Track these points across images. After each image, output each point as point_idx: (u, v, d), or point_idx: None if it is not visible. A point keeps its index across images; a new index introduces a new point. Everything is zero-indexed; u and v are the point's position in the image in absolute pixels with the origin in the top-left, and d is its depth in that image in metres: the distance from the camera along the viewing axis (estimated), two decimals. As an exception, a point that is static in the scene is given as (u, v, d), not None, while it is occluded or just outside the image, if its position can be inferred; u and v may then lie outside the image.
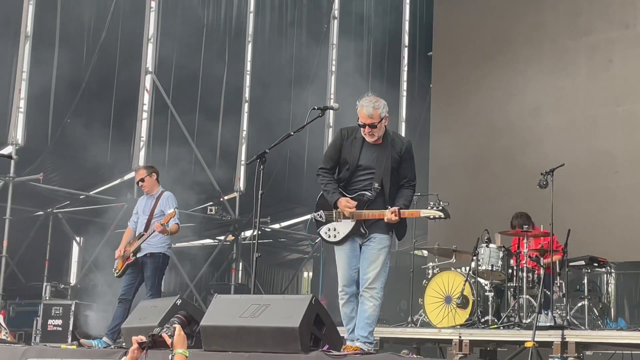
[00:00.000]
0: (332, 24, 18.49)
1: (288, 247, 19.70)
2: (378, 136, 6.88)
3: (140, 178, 9.62)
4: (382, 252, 6.77)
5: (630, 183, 13.82)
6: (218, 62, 16.28)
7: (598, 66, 14.63)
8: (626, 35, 14.40)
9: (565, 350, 8.22)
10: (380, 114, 6.82)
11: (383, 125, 6.88)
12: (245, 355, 6.31)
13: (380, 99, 6.95)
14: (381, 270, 6.73)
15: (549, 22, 15.19)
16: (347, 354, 6.11)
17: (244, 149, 16.49)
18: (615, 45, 14.48)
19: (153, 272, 9.23)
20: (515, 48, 15.44)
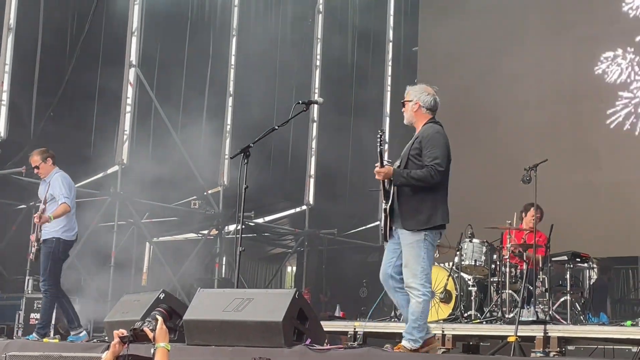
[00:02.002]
0: (316, 19, 18.46)
1: (272, 241, 19.68)
2: (406, 118, 6.91)
3: (35, 165, 9.36)
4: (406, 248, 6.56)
5: (613, 179, 13.90)
6: (202, 56, 16.24)
7: (583, 62, 14.70)
8: (611, 31, 14.48)
9: (547, 345, 8.23)
10: (410, 96, 6.87)
11: (410, 107, 6.86)
12: (229, 350, 6.30)
13: (423, 86, 6.99)
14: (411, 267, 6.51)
15: (534, 18, 15.24)
16: (330, 348, 6.11)
17: (228, 143, 16.46)
18: (600, 41, 14.56)
19: (45, 257, 9.07)
20: (500, 44, 15.47)
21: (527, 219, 10.51)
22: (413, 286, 6.46)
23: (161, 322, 4.46)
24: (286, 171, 17.07)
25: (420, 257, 6.46)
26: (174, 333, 7.21)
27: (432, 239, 6.56)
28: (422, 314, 6.50)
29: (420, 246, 6.47)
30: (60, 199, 9.04)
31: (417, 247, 6.47)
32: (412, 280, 6.46)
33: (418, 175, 6.48)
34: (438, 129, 6.71)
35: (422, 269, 6.46)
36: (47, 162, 9.36)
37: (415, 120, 6.86)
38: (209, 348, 6.45)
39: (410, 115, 6.88)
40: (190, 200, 16.11)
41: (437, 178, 6.48)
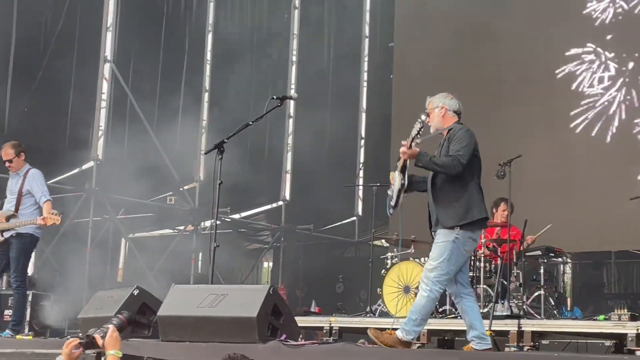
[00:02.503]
0: (292, 14, 18.45)
1: (248, 237, 19.67)
2: (433, 125, 6.87)
3: (8, 159, 9.32)
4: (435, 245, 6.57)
5: (587, 175, 13.99)
6: (178, 52, 16.19)
7: (559, 56, 14.79)
8: (587, 28, 14.59)
9: (521, 340, 8.28)
10: (433, 103, 6.88)
11: (436, 114, 6.85)
12: (203, 345, 6.30)
13: (442, 93, 6.97)
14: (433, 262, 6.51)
15: (510, 14, 15.31)
16: (304, 343, 6.12)
17: (204, 139, 16.43)
18: (574, 37, 14.67)
19: (19, 252, 9.04)
20: (477, 39, 15.52)
21: (498, 213, 10.57)
22: (427, 279, 6.47)
23: (112, 329, 4.44)
24: (262, 167, 17.05)
25: (445, 257, 6.45)
26: (148, 329, 7.25)
27: (463, 243, 6.51)
28: (422, 308, 6.51)
29: (447, 247, 6.44)
30: (43, 197, 9.08)
31: (444, 247, 6.45)
32: (429, 274, 6.47)
33: (441, 162, 6.50)
34: (466, 128, 6.73)
35: (441, 268, 6.44)
36: (21, 156, 9.36)
37: (443, 125, 6.85)
38: (183, 344, 6.45)
39: (437, 122, 6.86)
40: (166, 196, 16.07)
41: (458, 169, 6.45)
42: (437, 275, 6.45)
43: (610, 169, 13.91)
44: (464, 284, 6.69)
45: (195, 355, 6.25)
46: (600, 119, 14.28)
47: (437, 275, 6.45)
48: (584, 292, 15.55)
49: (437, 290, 6.48)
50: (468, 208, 6.51)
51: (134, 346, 6.70)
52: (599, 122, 14.26)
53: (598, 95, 14.41)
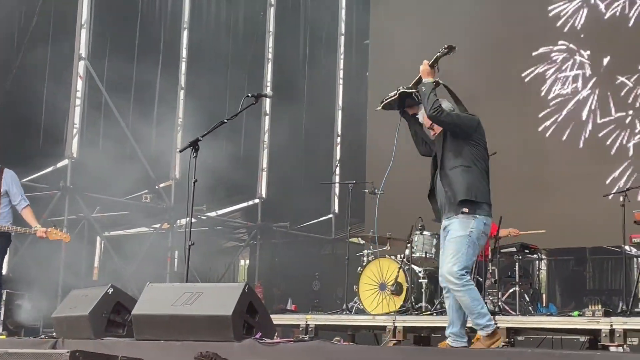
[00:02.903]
0: (268, 11, 18.42)
1: (225, 235, 19.63)
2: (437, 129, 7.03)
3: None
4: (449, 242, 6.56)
5: (561, 171, 14.09)
6: (153, 49, 16.12)
7: (533, 51, 14.89)
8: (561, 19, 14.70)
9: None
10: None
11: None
12: (178, 344, 6.26)
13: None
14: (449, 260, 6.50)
15: (485, 11, 15.37)
16: (280, 341, 6.11)
17: (180, 137, 16.37)
18: (550, 30, 14.77)
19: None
20: (451, 36, 15.55)
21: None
22: (450, 279, 6.44)
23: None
24: (238, 164, 17.00)
25: (460, 252, 6.43)
26: (122, 328, 7.22)
27: (477, 235, 6.50)
28: (473, 303, 6.42)
29: (464, 242, 6.43)
30: (23, 201, 9.09)
31: (460, 242, 6.44)
32: (448, 274, 6.46)
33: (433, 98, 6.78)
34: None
35: (459, 264, 6.42)
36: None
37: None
38: (158, 343, 6.41)
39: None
40: (141, 194, 16.00)
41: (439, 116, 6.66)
42: (461, 268, 6.42)
43: (584, 167, 14.02)
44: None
45: (170, 354, 6.22)
46: (573, 117, 14.39)
47: (459, 268, 6.42)
48: (561, 288, 15.65)
49: (466, 281, 6.44)
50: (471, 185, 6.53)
51: (108, 345, 6.66)
52: (571, 120, 14.37)
53: (569, 94, 14.52)
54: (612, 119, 14.09)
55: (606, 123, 14.12)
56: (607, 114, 14.13)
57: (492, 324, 6.51)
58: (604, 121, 14.14)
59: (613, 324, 7.80)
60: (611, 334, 7.79)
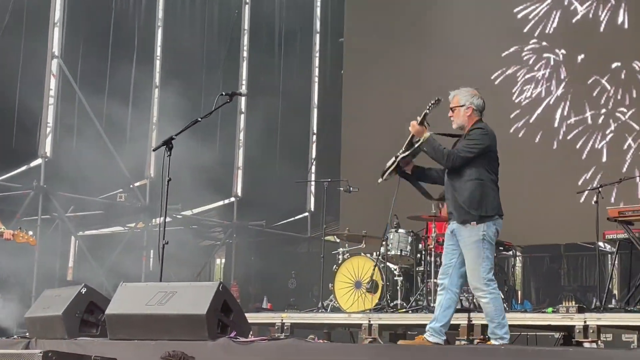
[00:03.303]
0: (243, 9, 18.37)
1: (200, 233, 19.55)
2: (457, 123, 6.95)
3: None
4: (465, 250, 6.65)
5: (535, 167, 14.16)
6: (127, 47, 16.03)
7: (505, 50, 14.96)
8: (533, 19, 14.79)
9: (471, 333, 8.37)
10: (459, 100, 6.93)
11: (462, 112, 6.91)
12: (152, 344, 6.25)
13: (468, 89, 7.05)
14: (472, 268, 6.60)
15: (458, 8, 15.43)
16: (254, 340, 6.11)
17: (155, 135, 16.29)
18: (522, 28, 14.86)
19: None
20: (426, 34, 15.62)
21: (444, 209, 10.63)
22: (477, 286, 6.57)
23: None
24: (214, 163, 16.93)
25: (481, 258, 6.55)
26: (96, 328, 7.18)
27: (491, 237, 6.63)
28: (496, 312, 6.57)
29: (479, 246, 6.55)
30: None
31: (477, 248, 6.55)
32: (475, 282, 6.57)
33: (443, 151, 6.68)
34: (484, 128, 6.84)
35: (483, 269, 6.54)
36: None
37: (467, 124, 6.94)
38: (132, 342, 6.39)
39: (463, 120, 6.95)
40: (116, 193, 15.91)
41: (456, 163, 6.64)
42: (484, 275, 6.55)
43: (557, 165, 14.11)
44: (457, 282, 6.76)
45: (144, 353, 6.20)
46: (545, 117, 14.47)
47: (484, 277, 6.55)
48: (536, 285, 15.72)
49: (493, 289, 6.58)
50: (480, 201, 6.64)
51: (81, 345, 6.63)
52: (543, 120, 14.45)
53: (541, 96, 14.61)
54: (584, 118, 14.18)
55: (579, 122, 14.20)
56: (579, 114, 14.22)
57: (508, 337, 6.62)
58: (576, 120, 14.22)
59: (587, 320, 7.85)
60: (585, 330, 7.84)
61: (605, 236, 9.34)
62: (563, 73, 14.50)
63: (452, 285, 6.74)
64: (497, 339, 6.58)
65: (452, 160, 6.64)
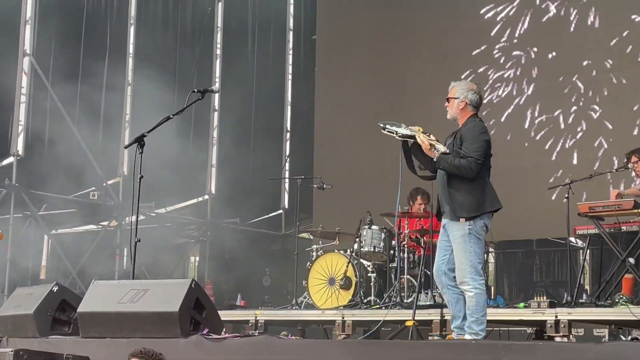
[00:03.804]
0: (216, 7, 18.32)
1: (174, 231, 19.49)
2: (451, 114, 7.04)
3: None
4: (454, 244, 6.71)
5: (506, 163, 14.23)
6: (99, 45, 15.95)
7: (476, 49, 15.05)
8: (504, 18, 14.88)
9: (444, 328, 8.41)
10: (455, 93, 7.00)
11: (456, 104, 6.98)
12: (124, 341, 6.23)
13: (467, 83, 7.11)
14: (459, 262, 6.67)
15: (430, 6, 15.50)
16: (226, 337, 6.11)
17: (127, 133, 16.22)
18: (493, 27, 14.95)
19: None
20: (397, 32, 15.67)
21: (415, 205, 10.68)
22: (464, 280, 6.63)
23: None
24: (188, 160, 16.89)
25: (467, 252, 6.61)
26: (67, 326, 7.15)
27: (478, 231, 6.68)
28: (477, 308, 6.63)
29: (466, 240, 6.61)
30: None
31: (464, 242, 6.62)
32: (462, 275, 6.63)
33: (459, 163, 6.66)
34: (480, 125, 6.90)
35: (470, 262, 6.61)
36: None
37: (460, 117, 7.01)
38: (104, 340, 6.37)
39: (455, 112, 7.04)
40: (89, 191, 15.82)
41: (475, 170, 6.67)
42: (471, 271, 6.62)
43: (529, 161, 14.20)
44: (452, 276, 6.82)
45: (116, 351, 6.17)
46: (516, 114, 14.56)
47: (470, 271, 6.62)
48: (509, 281, 15.81)
49: (479, 284, 6.66)
50: (481, 201, 6.70)
51: (53, 344, 6.60)
52: (515, 117, 14.54)
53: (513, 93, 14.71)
54: (555, 116, 14.28)
55: (550, 120, 14.30)
56: (550, 112, 14.31)
57: (483, 335, 6.70)
58: (547, 118, 14.32)
59: (558, 315, 7.93)
60: (556, 325, 7.92)
61: (576, 232, 9.41)
62: (534, 72, 14.59)
63: (449, 281, 6.83)
64: (472, 334, 6.63)
65: (472, 170, 6.66)
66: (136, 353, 4.35)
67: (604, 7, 14.07)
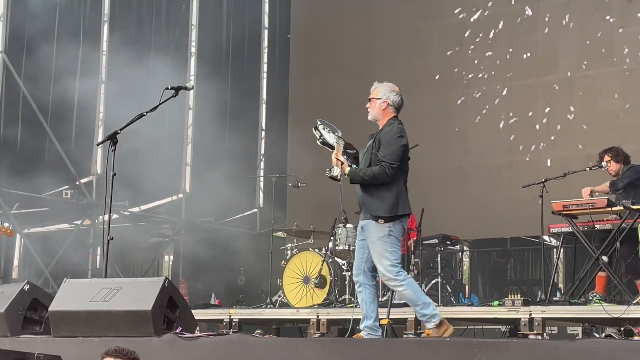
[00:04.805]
0: (191, 5, 18.24)
1: (148, 230, 19.39)
2: (371, 115, 6.98)
3: None
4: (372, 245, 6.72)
5: (480, 162, 14.32)
6: (73, 42, 15.81)
7: (450, 49, 15.08)
8: (477, 19, 14.92)
9: (418, 327, 8.42)
10: (378, 93, 6.96)
11: (377, 105, 6.93)
12: (96, 340, 6.18)
13: (390, 85, 7.05)
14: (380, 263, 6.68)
15: (404, 5, 15.52)
16: (200, 335, 6.07)
17: (101, 131, 16.11)
18: (467, 28, 14.98)
19: None
20: (372, 30, 15.69)
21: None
22: (389, 278, 6.64)
23: None
24: (162, 159, 16.80)
25: (387, 251, 6.63)
26: (39, 325, 7.08)
27: (397, 233, 6.71)
28: (415, 295, 6.67)
29: (385, 241, 6.63)
30: None
31: (383, 242, 6.63)
32: (387, 275, 6.64)
33: (372, 173, 6.67)
34: (399, 128, 6.86)
35: (390, 262, 6.63)
36: None
37: (381, 118, 6.97)
38: (76, 339, 6.32)
39: (377, 113, 6.98)
40: (62, 189, 15.69)
41: (391, 175, 6.66)
42: (393, 268, 6.63)
43: (502, 158, 14.26)
44: (371, 275, 6.85)
45: (89, 350, 6.12)
46: (493, 113, 14.60)
47: (392, 268, 6.63)
48: (484, 279, 15.85)
49: (403, 277, 6.68)
50: (396, 203, 6.70)
51: (24, 342, 6.53)
52: (491, 116, 14.58)
53: (488, 92, 14.75)
54: (531, 116, 14.33)
55: (525, 120, 14.35)
56: (525, 112, 14.36)
57: (437, 313, 6.69)
58: (522, 118, 14.37)
59: (532, 313, 7.96)
60: (530, 323, 7.96)
61: (550, 230, 9.44)
62: (509, 73, 14.62)
63: (368, 280, 6.85)
64: (429, 320, 6.64)
65: (387, 174, 6.67)
66: (110, 352, 4.30)
67: (578, 8, 14.13)
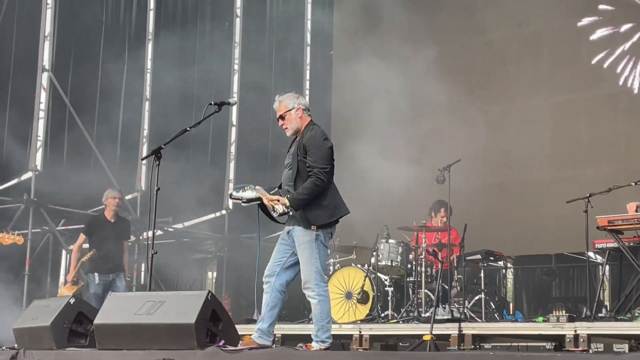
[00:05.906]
0: (234, 22, 18.38)
1: (192, 247, 19.49)
2: (291, 128, 6.90)
3: None
4: (300, 249, 6.72)
5: (523, 178, 14.21)
6: (118, 60, 16.00)
7: (492, 64, 15.03)
8: (519, 34, 14.86)
9: (462, 343, 8.36)
10: (287, 105, 6.87)
11: (293, 116, 6.87)
12: (140, 353, 6.23)
13: (290, 93, 7.00)
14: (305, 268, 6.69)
15: (448, 21, 15.50)
16: (243, 348, 6.09)
17: (145, 148, 16.26)
18: (509, 43, 14.92)
19: None
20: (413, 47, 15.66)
21: (437, 217, 10.66)
22: (309, 286, 6.66)
23: None
24: (205, 175, 16.89)
25: (314, 257, 6.63)
26: (84, 338, 7.15)
27: (324, 239, 6.71)
28: (322, 315, 6.68)
29: (313, 246, 6.62)
30: None
31: (311, 248, 6.63)
32: (307, 281, 6.66)
33: (309, 189, 6.59)
34: (320, 131, 6.83)
35: (315, 269, 6.63)
36: None
37: (302, 126, 6.91)
38: (120, 352, 6.37)
39: (295, 123, 6.91)
40: (106, 206, 15.82)
41: (327, 179, 6.63)
42: (316, 277, 6.65)
43: (545, 173, 14.14)
44: (284, 282, 6.89)
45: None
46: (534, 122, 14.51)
47: (315, 277, 6.65)
48: (528, 296, 15.71)
49: (324, 291, 6.71)
50: (332, 207, 6.70)
51: (70, 355, 6.61)
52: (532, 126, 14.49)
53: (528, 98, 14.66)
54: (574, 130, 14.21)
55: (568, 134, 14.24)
56: (568, 126, 14.25)
57: (329, 342, 6.68)
58: (566, 131, 14.26)
59: (577, 329, 7.86)
60: (575, 339, 7.85)
61: (595, 245, 9.34)
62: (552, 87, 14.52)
63: (279, 285, 6.87)
64: (319, 342, 6.65)
65: (323, 180, 6.61)
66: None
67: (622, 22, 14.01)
